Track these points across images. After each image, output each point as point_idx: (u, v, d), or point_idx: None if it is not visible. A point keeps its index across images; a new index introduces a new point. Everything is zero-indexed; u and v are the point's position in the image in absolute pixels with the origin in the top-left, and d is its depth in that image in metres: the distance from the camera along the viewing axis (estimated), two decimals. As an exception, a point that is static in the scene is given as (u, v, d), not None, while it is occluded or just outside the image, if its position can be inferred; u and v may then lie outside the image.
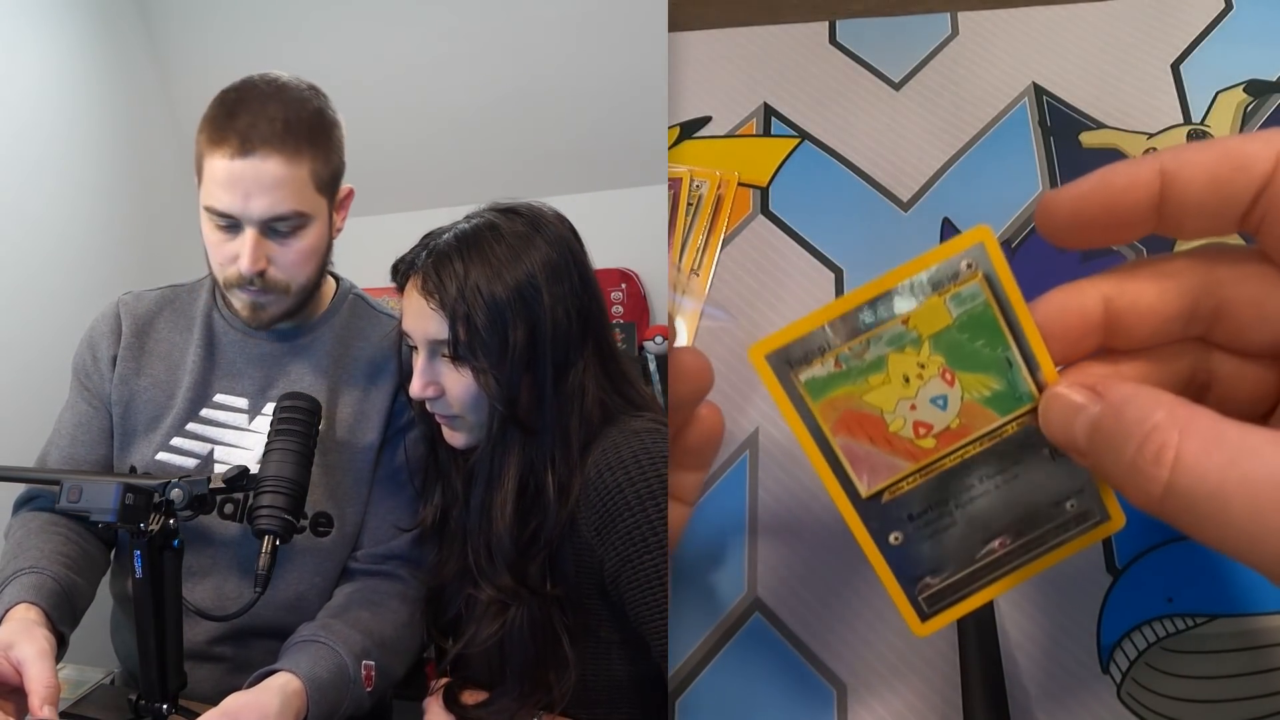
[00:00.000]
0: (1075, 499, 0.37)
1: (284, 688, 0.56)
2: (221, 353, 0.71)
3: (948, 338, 0.35)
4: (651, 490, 0.54)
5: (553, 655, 0.57)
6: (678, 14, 0.71)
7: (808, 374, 0.35)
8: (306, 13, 1.46)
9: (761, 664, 0.49)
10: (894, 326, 0.35)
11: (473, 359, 0.58)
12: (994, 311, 0.35)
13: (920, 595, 0.37)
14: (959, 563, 0.37)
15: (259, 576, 0.58)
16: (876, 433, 0.35)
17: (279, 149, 0.63)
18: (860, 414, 0.35)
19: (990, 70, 0.65)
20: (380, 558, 0.69)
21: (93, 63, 1.40)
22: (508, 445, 0.58)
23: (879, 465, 0.36)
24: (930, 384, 0.35)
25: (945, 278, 0.35)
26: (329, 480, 0.68)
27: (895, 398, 0.35)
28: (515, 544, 0.58)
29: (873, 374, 0.35)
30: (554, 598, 0.58)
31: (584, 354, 0.59)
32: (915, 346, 0.35)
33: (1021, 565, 0.37)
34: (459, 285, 0.57)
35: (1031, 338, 0.35)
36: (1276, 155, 0.31)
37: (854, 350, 0.35)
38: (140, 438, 0.70)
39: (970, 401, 0.35)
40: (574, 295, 0.59)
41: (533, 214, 0.61)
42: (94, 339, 0.72)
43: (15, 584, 0.60)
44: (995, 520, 0.36)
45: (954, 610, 0.37)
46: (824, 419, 0.35)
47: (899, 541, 0.36)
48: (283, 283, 0.67)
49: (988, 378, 0.35)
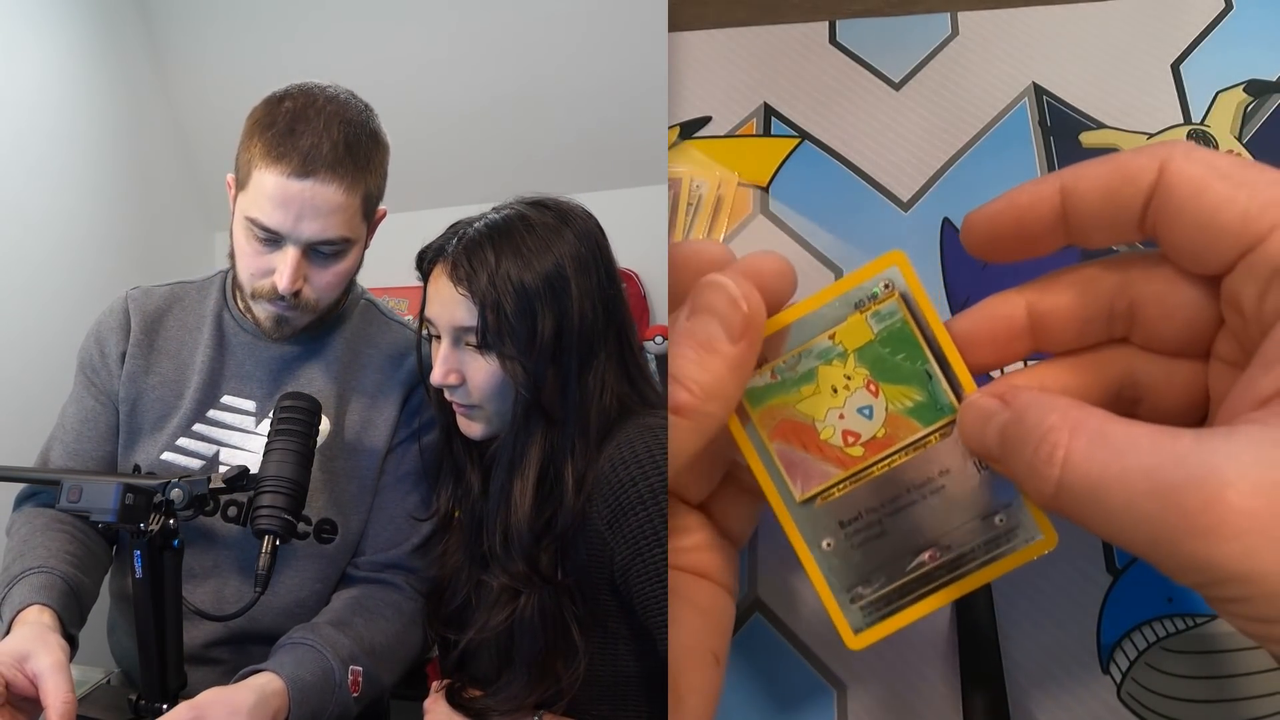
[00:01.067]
0: (1004, 513, 0.38)
1: (263, 686, 0.56)
2: (231, 354, 0.71)
3: (871, 352, 0.38)
4: (666, 484, 0.54)
5: (562, 644, 0.58)
6: (678, 14, 0.71)
7: (748, 384, 0.38)
8: (306, 14, 1.46)
9: (761, 664, 0.49)
10: (822, 341, 0.38)
11: (501, 346, 0.58)
12: (911, 328, 0.38)
13: (854, 604, 0.38)
14: (890, 573, 0.38)
15: (259, 576, 0.58)
16: (809, 440, 0.38)
17: (339, 175, 0.61)
18: (794, 422, 0.38)
19: (990, 70, 0.65)
20: (381, 566, 0.69)
21: (93, 63, 1.40)
22: (531, 433, 0.59)
23: (812, 471, 0.38)
24: (856, 394, 0.38)
25: (865, 297, 0.38)
26: (333, 486, 0.68)
27: (825, 407, 0.38)
28: (532, 531, 0.58)
29: (804, 385, 0.38)
30: (565, 587, 0.58)
31: (606, 347, 0.60)
32: (841, 360, 0.38)
33: (953, 580, 0.38)
34: (490, 273, 0.58)
35: (949, 352, 0.38)
36: (1160, 166, 0.33)
37: (787, 363, 0.38)
38: (146, 436, 0.70)
39: (894, 412, 0.38)
40: (600, 289, 0.60)
41: (561, 207, 0.62)
42: (102, 334, 0.71)
43: (24, 584, 0.60)
44: (923, 531, 0.38)
45: (888, 623, 0.38)
46: (762, 426, 0.38)
47: (830, 548, 0.38)
48: (313, 301, 0.66)
49: (909, 389, 0.38)
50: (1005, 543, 0.38)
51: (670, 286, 0.40)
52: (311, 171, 0.60)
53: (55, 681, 0.53)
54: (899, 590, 0.38)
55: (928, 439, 0.38)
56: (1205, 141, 0.60)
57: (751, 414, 0.38)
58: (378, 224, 0.70)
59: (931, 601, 0.38)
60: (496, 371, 0.59)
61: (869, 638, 0.38)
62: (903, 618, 0.38)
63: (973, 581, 0.38)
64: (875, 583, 0.38)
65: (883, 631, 0.38)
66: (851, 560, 0.38)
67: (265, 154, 0.61)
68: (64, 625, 0.58)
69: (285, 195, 0.61)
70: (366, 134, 0.64)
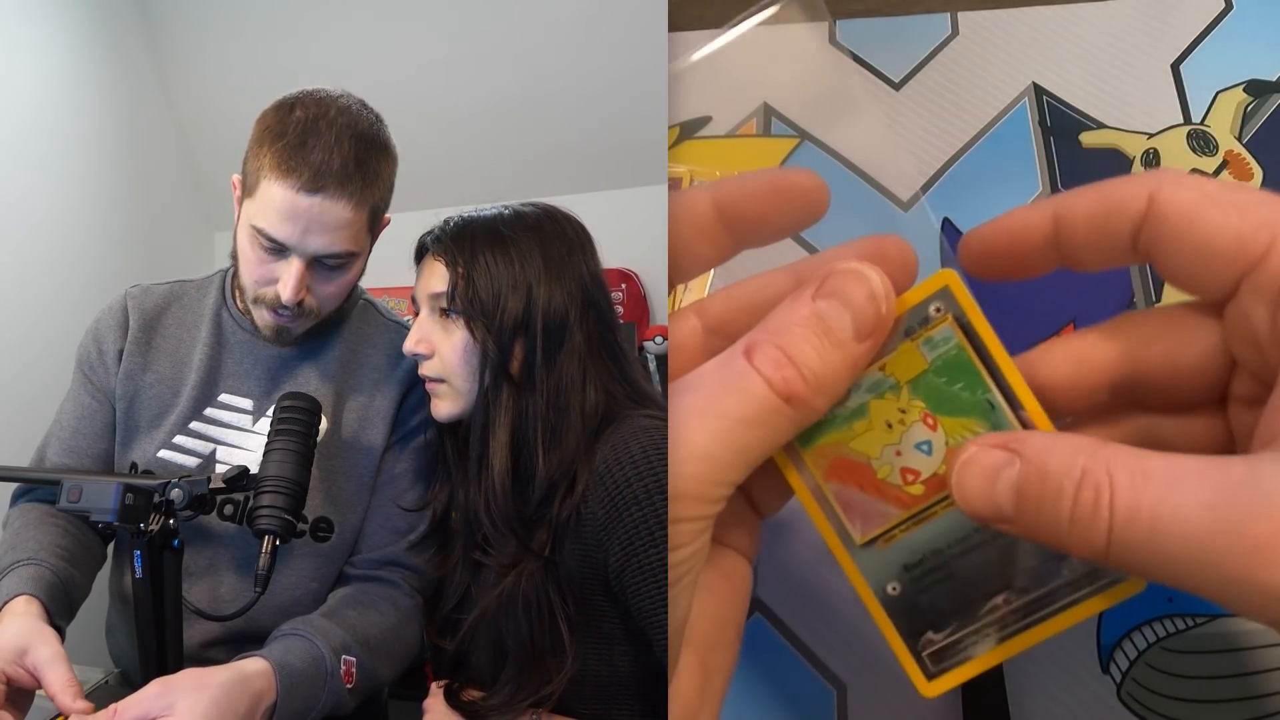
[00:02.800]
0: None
1: (243, 666, 0.55)
2: (229, 353, 0.71)
3: (925, 382, 0.35)
4: (660, 485, 0.54)
5: (549, 637, 0.58)
6: (678, 14, 0.71)
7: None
8: (307, 14, 1.46)
9: (761, 664, 0.49)
10: (871, 374, 0.35)
11: (469, 309, 0.61)
12: (969, 354, 0.34)
13: (924, 651, 0.35)
14: (961, 619, 0.35)
15: (259, 576, 0.58)
16: (866, 480, 0.35)
17: (348, 191, 0.61)
18: (848, 461, 0.35)
19: (990, 70, 0.65)
20: (377, 563, 0.69)
21: (93, 63, 1.40)
22: (499, 396, 0.61)
23: (871, 513, 0.35)
24: (913, 429, 0.35)
25: (915, 323, 0.35)
26: (330, 485, 0.68)
27: (880, 444, 0.35)
28: (511, 503, 0.59)
29: (856, 421, 0.35)
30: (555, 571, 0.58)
31: (583, 335, 0.61)
32: (894, 392, 0.35)
33: (1031, 625, 0.34)
34: (468, 249, 0.62)
35: (1011, 377, 0.34)
36: (1149, 195, 0.33)
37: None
38: (143, 434, 0.70)
39: (955, 447, 0.34)
40: (579, 286, 0.62)
41: (549, 210, 0.65)
42: (100, 332, 0.71)
43: (13, 575, 0.60)
44: (994, 574, 0.35)
45: (961, 671, 0.35)
46: (815, 466, 0.35)
47: (896, 592, 0.35)
48: (314, 309, 0.66)
49: (970, 421, 0.34)
50: (1088, 584, 0.34)
51: (735, 201, 0.37)
52: (321, 187, 0.60)
53: (57, 671, 0.53)
54: (972, 635, 0.35)
55: None
56: (1205, 141, 0.60)
57: (803, 454, 0.35)
58: (381, 230, 0.70)
59: (1010, 647, 0.35)
60: (464, 341, 0.61)
61: (944, 685, 0.35)
62: (979, 664, 0.35)
63: (1054, 626, 0.34)
64: (946, 628, 0.35)
65: (959, 678, 0.35)
66: (919, 604, 0.35)
67: (275, 165, 0.61)
68: (50, 616, 0.58)
69: (294, 209, 0.60)
70: (376, 147, 0.64)
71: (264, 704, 0.55)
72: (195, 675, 0.53)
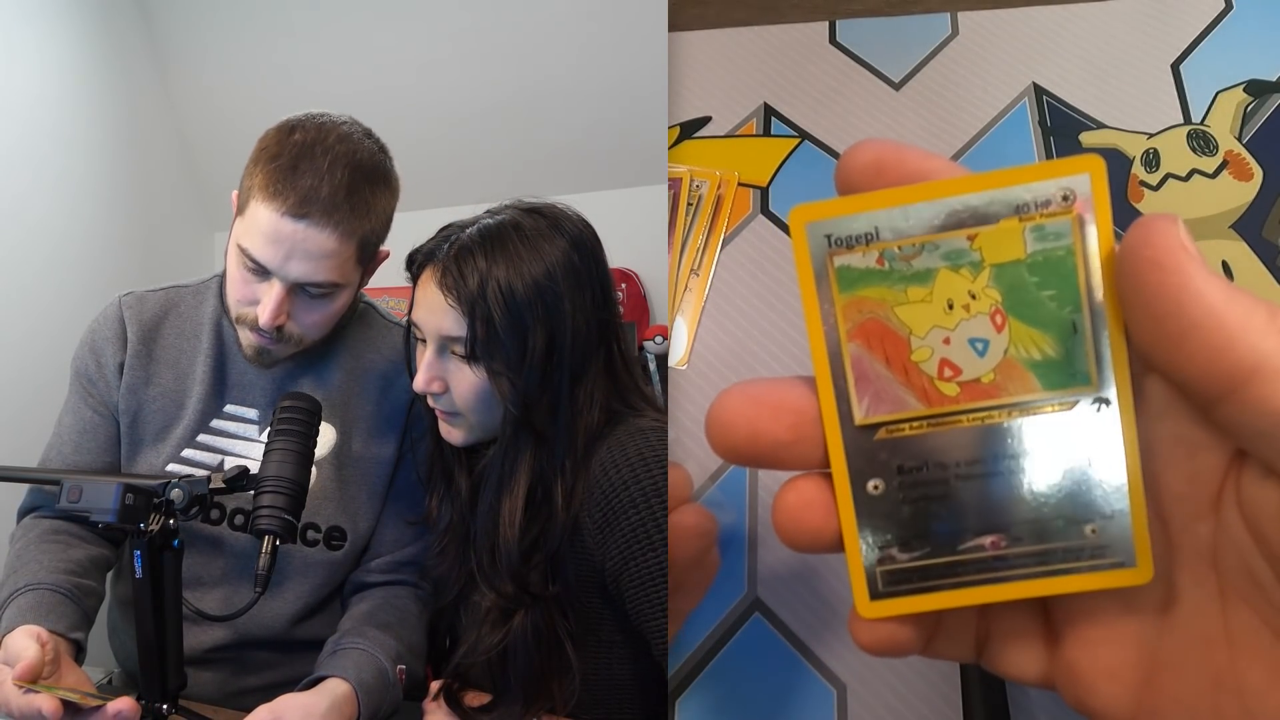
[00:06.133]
0: (1100, 525, 0.29)
1: (334, 691, 0.57)
2: (232, 364, 0.69)
3: (1013, 274, 0.29)
4: (657, 488, 0.54)
5: (556, 663, 0.57)
6: (678, 14, 0.71)
7: (844, 260, 0.29)
8: (307, 15, 1.46)
9: (761, 664, 0.49)
10: (956, 239, 0.29)
11: (490, 360, 0.56)
12: (1078, 260, 0.28)
13: (880, 567, 0.30)
14: (936, 546, 0.30)
15: (259, 576, 0.58)
16: (895, 354, 0.29)
17: (334, 221, 0.60)
18: (885, 326, 0.29)
19: (990, 70, 0.65)
20: (396, 565, 0.69)
21: (93, 64, 1.40)
22: (520, 451, 0.57)
23: (885, 394, 0.30)
24: (975, 320, 0.29)
25: (1034, 201, 0.28)
26: (343, 493, 0.68)
27: (930, 322, 0.29)
28: (520, 550, 0.57)
29: (915, 285, 0.29)
30: (556, 601, 0.57)
31: (598, 362, 0.59)
32: (973, 270, 0.29)
33: (1012, 580, 0.30)
34: (480, 281, 0.56)
35: (1111, 308, 0.28)
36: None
37: (904, 250, 0.29)
38: (148, 447, 0.69)
39: (1013, 359, 0.29)
40: (594, 303, 0.59)
41: (555, 214, 0.61)
42: (97, 344, 0.70)
43: (11, 608, 0.59)
44: (994, 511, 0.30)
45: (912, 601, 0.30)
46: (845, 317, 0.29)
47: (877, 491, 0.30)
48: (297, 336, 0.65)
49: (1044, 337, 0.29)
50: (1087, 558, 0.29)
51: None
52: (306, 214, 0.59)
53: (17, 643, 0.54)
54: (940, 568, 0.30)
55: (1043, 406, 0.29)
56: (1205, 141, 0.60)
57: (837, 299, 0.29)
58: (378, 264, 0.68)
59: (973, 594, 0.30)
60: (481, 383, 0.58)
61: (885, 609, 0.30)
62: (932, 600, 0.30)
63: (1030, 588, 0.30)
64: (916, 550, 0.30)
65: (904, 608, 0.30)
66: (897, 515, 0.30)
67: (264, 187, 0.60)
68: (57, 635, 0.58)
69: (277, 233, 0.59)
70: (373, 179, 0.63)
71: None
72: (301, 706, 0.55)
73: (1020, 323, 0.29)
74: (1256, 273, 0.56)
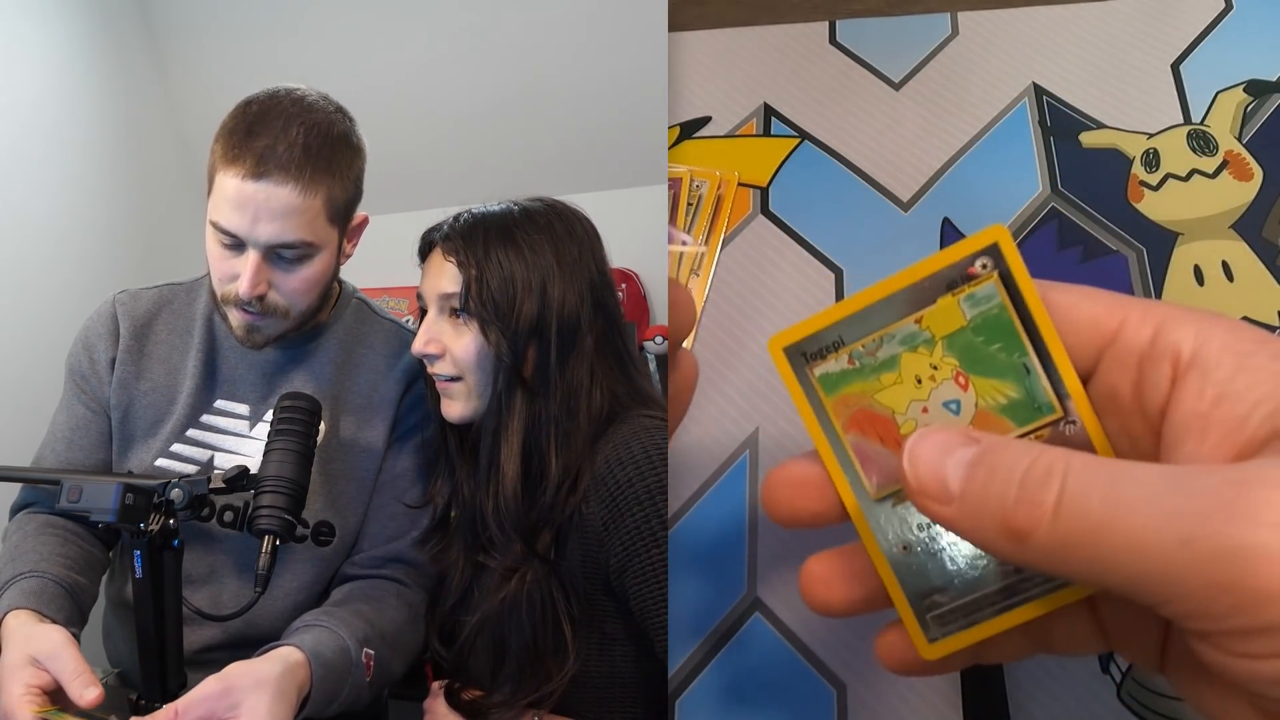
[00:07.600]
0: None
1: (286, 657, 0.55)
2: (223, 358, 0.70)
3: (962, 340, 0.34)
4: (661, 485, 0.54)
5: (552, 639, 0.58)
6: (678, 14, 0.71)
7: (822, 369, 0.34)
8: (306, 15, 1.46)
9: (761, 664, 0.49)
10: (907, 325, 0.34)
11: (481, 311, 0.59)
12: (1010, 315, 0.33)
13: (929, 614, 0.34)
14: (970, 584, 0.34)
15: (259, 577, 0.58)
16: (888, 433, 0.34)
17: (294, 176, 0.61)
18: (872, 413, 0.34)
19: (990, 70, 0.65)
20: (380, 560, 0.69)
21: (93, 64, 1.40)
22: (512, 402, 0.60)
23: (889, 468, 0.34)
24: (943, 387, 0.34)
25: (959, 277, 0.33)
26: (330, 488, 0.68)
27: (907, 399, 0.34)
28: (520, 502, 0.59)
29: (885, 373, 0.34)
30: (557, 574, 0.58)
31: (594, 338, 0.60)
32: (928, 347, 0.34)
33: (1040, 595, 0.33)
34: (481, 248, 0.60)
35: (1052, 345, 0.33)
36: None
37: (867, 348, 0.34)
38: (139, 443, 0.69)
39: (985, 409, 0.34)
40: (589, 286, 0.61)
41: (558, 207, 0.64)
42: (90, 340, 0.70)
43: (13, 589, 0.60)
44: None
45: (965, 635, 0.34)
46: (836, 415, 0.35)
47: (906, 551, 0.34)
48: (282, 307, 0.65)
49: (1003, 384, 0.34)
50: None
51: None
52: (265, 173, 0.60)
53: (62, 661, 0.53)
54: (980, 601, 0.34)
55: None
56: (1205, 141, 0.60)
57: (826, 402, 0.34)
58: (359, 230, 0.69)
59: (1016, 615, 0.33)
60: (476, 340, 0.60)
61: (945, 648, 0.34)
62: (982, 630, 0.34)
63: (1064, 597, 0.33)
64: (953, 591, 0.34)
65: (960, 643, 0.34)
66: (929, 566, 0.34)
67: (223, 156, 0.61)
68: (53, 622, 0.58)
69: (240, 197, 0.60)
70: (331, 138, 0.63)
71: (302, 695, 0.55)
72: (251, 673, 0.53)
73: (981, 377, 0.34)
74: (1257, 273, 0.56)
